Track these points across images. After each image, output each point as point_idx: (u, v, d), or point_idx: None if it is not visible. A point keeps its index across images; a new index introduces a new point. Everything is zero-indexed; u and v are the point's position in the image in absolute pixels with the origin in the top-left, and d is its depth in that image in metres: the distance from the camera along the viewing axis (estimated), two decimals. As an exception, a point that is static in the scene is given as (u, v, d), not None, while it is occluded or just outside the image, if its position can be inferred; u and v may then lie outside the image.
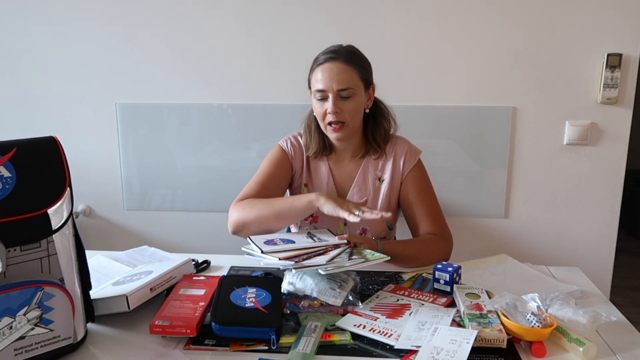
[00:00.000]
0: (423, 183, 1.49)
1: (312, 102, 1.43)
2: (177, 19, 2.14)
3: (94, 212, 2.37)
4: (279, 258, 1.11)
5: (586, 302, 1.15)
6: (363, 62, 1.42)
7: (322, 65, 1.37)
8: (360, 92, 1.40)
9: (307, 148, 1.51)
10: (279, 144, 1.54)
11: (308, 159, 1.53)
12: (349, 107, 1.38)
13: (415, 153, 1.50)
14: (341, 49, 1.40)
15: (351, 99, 1.37)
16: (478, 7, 2.04)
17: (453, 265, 1.19)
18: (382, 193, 1.50)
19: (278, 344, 0.97)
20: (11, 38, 2.21)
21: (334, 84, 1.35)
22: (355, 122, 1.42)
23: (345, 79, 1.36)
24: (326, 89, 1.36)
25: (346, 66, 1.36)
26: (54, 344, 0.92)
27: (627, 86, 2.04)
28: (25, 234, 0.89)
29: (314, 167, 1.53)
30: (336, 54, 1.37)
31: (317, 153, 1.50)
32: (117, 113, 2.25)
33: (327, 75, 1.36)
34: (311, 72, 1.42)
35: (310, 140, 1.50)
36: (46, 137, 0.96)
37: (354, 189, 1.50)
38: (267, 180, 1.48)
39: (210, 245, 2.25)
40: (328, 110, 1.37)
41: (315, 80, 1.39)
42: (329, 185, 1.51)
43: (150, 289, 1.10)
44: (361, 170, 1.50)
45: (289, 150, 1.52)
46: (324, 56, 1.39)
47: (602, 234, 2.18)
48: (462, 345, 0.92)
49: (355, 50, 1.43)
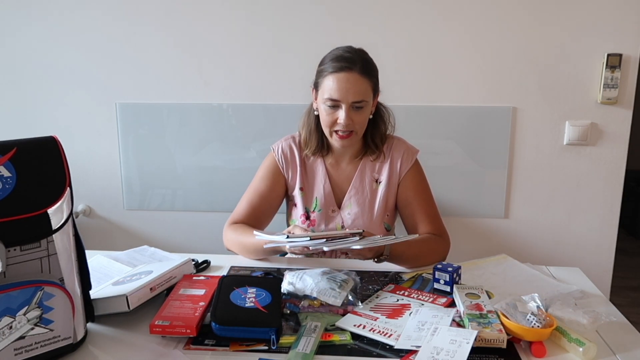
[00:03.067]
0: (420, 183, 1.49)
1: (319, 107, 1.40)
2: (177, 19, 2.14)
3: (94, 212, 2.37)
4: (309, 237, 1.12)
5: (586, 302, 1.15)
6: (376, 72, 1.40)
7: (337, 75, 1.33)
8: (370, 102, 1.39)
9: (305, 145, 1.49)
10: (272, 153, 1.53)
11: (304, 161, 1.51)
12: (360, 118, 1.37)
13: (413, 153, 1.49)
14: (356, 57, 1.35)
15: (362, 110, 1.36)
16: (478, 7, 2.04)
17: (453, 266, 1.19)
18: (379, 195, 1.49)
19: (278, 344, 0.97)
20: (11, 38, 2.21)
21: (349, 96, 1.32)
22: (363, 130, 1.42)
23: (361, 91, 1.33)
24: (341, 100, 1.33)
25: (362, 78, 1.33)
26: (54, 344, 0.91)
27: (627, 86, 2.04)
28: (25, 234, 0.89)
29: (310, 170, 1.52)
30: (352, 64, 1.33)
31: (315, 152, 1.49)
32: (117, 113, 2.25)
33: (344, 87, 1.32)
34: (322, 77, 1.37)
35: (309, 139, 1.48)
36: (46, 137, 0.95)
37: (351, 191, 1.49)
38: (259, 200, 1.49)
39: (210, 245, 2.25)
40: (339, 121, 1.35)
41: (329, 88, 1.34)
42: (325, 187, 1.50)
43: (150, 289, 1.10)
44: (358, 172, 1.49)
45: (281, 160, 1.51)
46: (338, 64, 1.33)
47: (602, 234, 2.18)
48: (462, 345, 0.92)
49: (368, 58, 1.39)
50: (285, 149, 1.51)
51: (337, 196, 1.51)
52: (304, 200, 1.51)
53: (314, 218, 1.50)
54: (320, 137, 1.47)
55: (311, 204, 1.51)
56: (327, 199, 1.50)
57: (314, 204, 1.51)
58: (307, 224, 1.50)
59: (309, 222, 1.51)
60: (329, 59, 1.37)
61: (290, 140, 1.53)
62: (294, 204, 1.53)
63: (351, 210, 1.49)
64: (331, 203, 1.50)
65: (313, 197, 1.51)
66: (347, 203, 1.50)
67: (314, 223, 1.51)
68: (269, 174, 1.51)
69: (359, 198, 1.48)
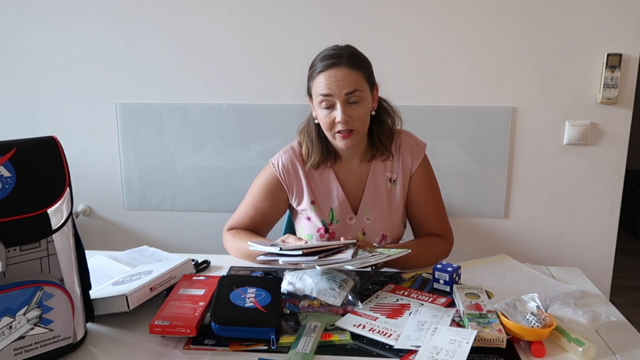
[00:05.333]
0: (430, 181, 1.45)
1: (316, 111, 1.34)
2: (177, 19, 2.14)
3: (94, 212, 2.37)
4: (302, 251, 1.09)
5: (586, 302, 1.15)
6: (366, 63, 1.34)
7: (324, 72, 1.29)
8: (367, 95, 1.32)
9: (307, 159, 1.41)
10: (271, 169, 1.44)
11: (309, 173, 1.43)
12: (359, 113, 1.30)
13: (421, 147, 1.43)
14: (342, 52, 1.31)
15: (359, 104, 1.29)
16: (478, 7, 2.04)
17: (453, 265, 1.19)
18: (396, 194, 1.43)
19: (278, 344, 0.97)
20: (11, 38, 2.21)
21: (341, 89, 1.27)
22: (364, 128, 1.35)
23: (352, 83, 1.27)
24: (332, 94, 1.27)
25: (351, 70, 1.28)
26: (54, 344, 0.91)
27: (627, 86, 2.04)
28: (25, 234, 0.89)
29: (319, 180, 1.43)
30: (338, 59, 1.28)
31: (319, 163, 1.40)
32: (117, 113, 2.25)
33: (333, 81, 1.27)
34: (311, 80, 1.33)
35: (311, 150, 1.40)
36: (46, 137, 0.95)
37: (367, 195, 1.42)
38: (260, 218, 1.45)
39: (210, 245, 2.24)
40: (337, 120, 1.28)
41: (318, 87, 1.30)
42: (338, 195, 1.42)
43: (150, 289, 1.10)
44: (371, 174, 1.42)
45: (282, 175, 1.43)
46: (325, 62, 1.29)
47: (602, 234, 2.18)
48: (462, 345, 0.92)
49: (355, 51, 1.34)
50: (287, 163, 1.43)
51: (352, 203, 1.43)
52: (318, 214, 1.43)
53: (333, 230, 1.43)
54: (324, 146, 1.40)
55: (327, 216, 1.43)
56: (342, 207, 1.42)
57: (330, 215, 1.43)
58: (326, 237, 1.43)
59: (329, 235, 1.43)
60: (316, 61, 1.34)
61: (291, 153, 1.44)
62: (307, 217, 1.45)
63: (370, 215, 1.43)
64: (347, 211, 1.43)
65: (328, 209, 1.43)
66: (364, 209, 1.43)
67: (333, 235, 1.43)
68: (270, 192, 1.44)
69: (376, 201, 1.42)
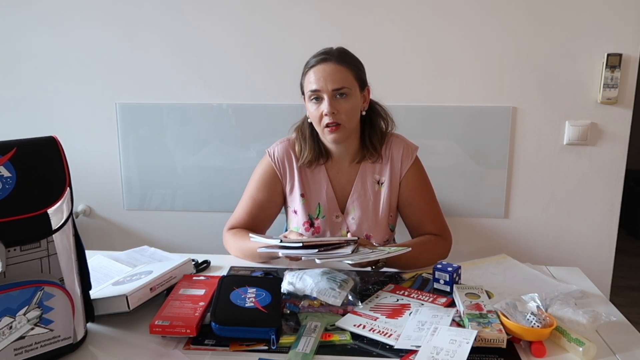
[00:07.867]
0: (422, 182, 1.47)
1: (307, 107, 1.40)
2: (177, 19, 2.14)
3: (94, 212, 2.37)
4: (302, 243, 1.10)
5: (586, 302, 1.15)
6: (356, 62, 1.40)
7: (314, 68, 1.35)
8: (355, 92, 1.37)
9: (300, 156, 1.46)
10: (267, 158, 1.49)
11: (302, 167, 1.48)
12: (345, 107, 1.34)
13: (412, 150, 1.46)
14: (333, 50, 1.38)
15: (347, 99, 1.34)
16: (478, 7, 2.04)
17: (453, 265, 1.19)
18: (382, 197, 1.46)
19: (278, 344, 0.97)
20: (11, 38, 2.21)
21: (328, 84, 1.33)
22: (351, 123, 1.38)
23: (340, 78, 1.33)
24: (320, 89, 1.33)
25: (339, 66, 1.34)
26: (54, 344, 0.91)
27: (627, 86, 2.04)
28: (25, 234, 0.89)
29: (310, 175, 1.48)
30: (328, 55, 1.36)
31: (311, 161, 1.45)
32: (117, 113, 2.25)
33: (321, 76, 1.33)
34: (303, 76, 1.40)
35: (304, 148, 1.44)
36: (46, 137, 0.95)
37: (354, 195, 1.47)
38: (257, 211, 1.47)
39: (210, 245, 2.24)
40: (324, 112, 1.33)
41: (308, 82, 1.36)
42: (327, 192, 1.47)
43: (150, 289, 1.10)
44: (359, 175, 1.46)
45: (278, 164, 1.47)
46: (315, 59, 1.37)
47: (602, 234, 2.18)
48: (462, 345, 0.92)
49: (346, 51, 1.40)
50: (282, 153, 1.48)
51: (340, 201, 1.48)
52: (305, 207, 1.47)
53: (318, 225, 1.47)
54: (316, 145, 1.44)
55: (314, 211, 1.48)
56: (330, 204, 1.47)
57: (317, 210, 1.48)
58: (311, 231, 1.47)
59: (313, 229, 1.48)
60: (308, 60, 1.40)
61: (287, 143, 1.49)
62: (294, 210, 1.50)
63: (355, 214, 1.47)
64: (335, 209, 1.47)
65: (316, 204, 1.47)
66: (350, 208, 1.47)
67: (318, 230, 1.48)
68: (266, 182, 1.48)
69: (362, 202, 1.46)
